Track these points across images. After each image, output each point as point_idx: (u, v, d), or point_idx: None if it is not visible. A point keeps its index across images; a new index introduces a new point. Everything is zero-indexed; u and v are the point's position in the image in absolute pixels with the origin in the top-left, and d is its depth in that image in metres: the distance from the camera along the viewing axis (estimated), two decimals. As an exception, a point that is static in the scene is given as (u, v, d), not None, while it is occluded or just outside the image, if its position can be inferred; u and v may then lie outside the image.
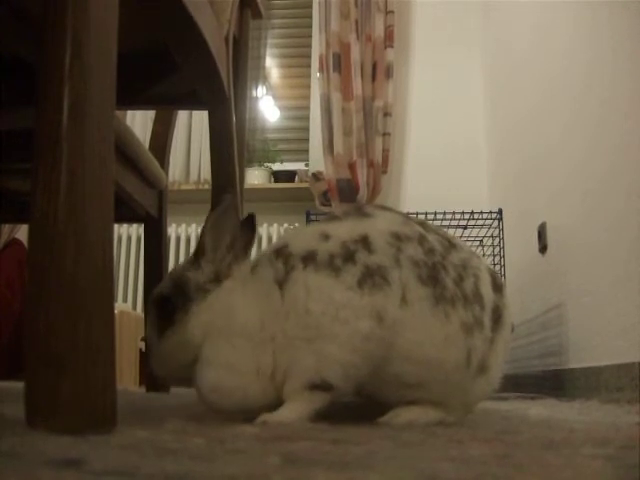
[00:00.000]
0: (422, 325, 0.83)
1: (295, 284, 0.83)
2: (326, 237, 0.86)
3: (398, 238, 0.87)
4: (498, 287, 0.94)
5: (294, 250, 0.86)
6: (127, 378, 2.83)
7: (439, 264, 0.87)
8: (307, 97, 4.01)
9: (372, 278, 0.82)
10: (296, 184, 3.79)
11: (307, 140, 3.91)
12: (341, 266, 0.83)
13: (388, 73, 3.57)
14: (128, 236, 3.77)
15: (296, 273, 0.84)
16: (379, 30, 3.61)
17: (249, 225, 0.91)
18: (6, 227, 3.00)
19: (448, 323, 0.84)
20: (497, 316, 0.91)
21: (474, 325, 0.87)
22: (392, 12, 3.66)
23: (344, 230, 0.87)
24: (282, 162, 4.03)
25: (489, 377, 0.91)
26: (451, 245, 0.91)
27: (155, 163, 1.61)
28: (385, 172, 3.52)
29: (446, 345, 0.84)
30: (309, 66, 4.02)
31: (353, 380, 0.83)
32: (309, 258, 0.84)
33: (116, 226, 3.35)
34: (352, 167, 3.46)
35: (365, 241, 0.85)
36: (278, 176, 3.87)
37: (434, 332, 0.84)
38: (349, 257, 0.83)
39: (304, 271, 0.83)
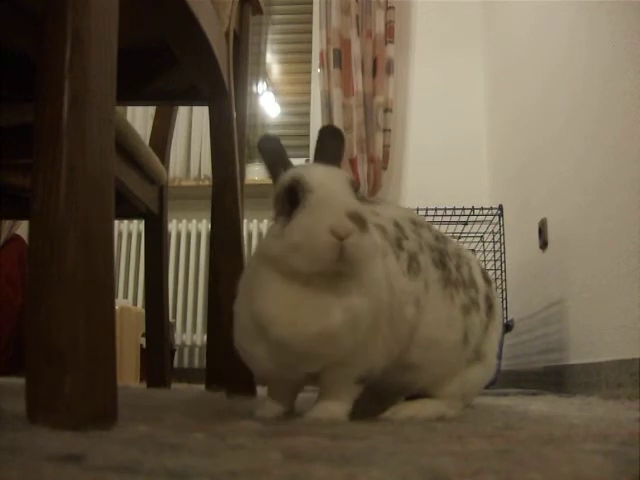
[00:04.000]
0: (434, 307, 0.85)
1: (390, 259, 0.81)
2: (377, 214, 0.86)
3: (415, 224, 0.89)
4: (488, 280, 0.98)
5: (371, 221, 0.81)
6: (128, 374, 2.83)
7: (443, 250, 0.90)
8: (308, 93, 4.00)
9: (412, 264, 0.83)
10: (297, 180, 3.78)
11: (307, 136, 3.91)
12: (398, 252, 0.83)
13: (389, 69, 3.56)
14: (129, 232, 3.76)
15: (385, 246, 0.82)
16: (379, 26, 3.60)
17: None
18: (6, 223, 3.00)
19: (452, 305, 0.86)
20: (489, 305, 0.94)
21: (471, 306, 0.90)
22: (392, 8, 3.66)
23: (384, 213, 0.87)
24: (283, 158, 4.02)
25: (485, 364, 0.93)
26: (443, 237, 0.95)
27: (155, 159, 1.61)
28: (385, 168, 3.51)
29: (448, 326, 0.86)
30: (309, 62, 4.02)
31: (384, 367, 0.83)
32: (384, 231, 0.83)
33: (116, 222, 3.35)
34: (352, 163, 3.45)
35: (398, 225, 0.86)
36: (279, 172, 3.86)
37: (441, 313, 0.86)
38: (399, 242, 0.84)
39: (388, 247, 0.82)
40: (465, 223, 2.66)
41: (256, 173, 3.77)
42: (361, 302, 0.74)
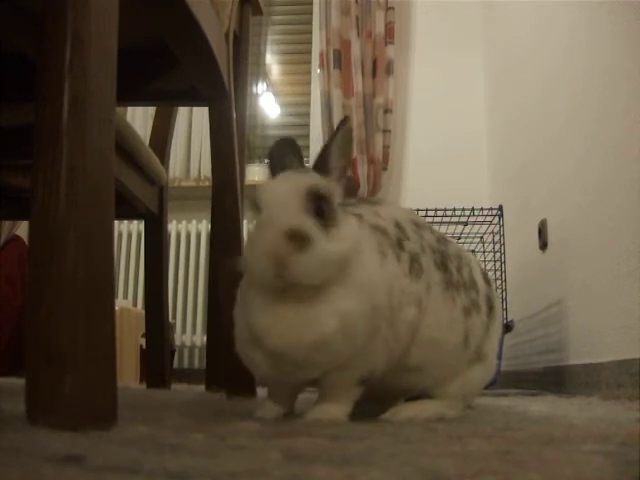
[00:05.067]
0: (435, 309, 0.85)
1: (390, 260, 0.81)
2: (379, 216, 0.86)
3: (418, 225, 0.90)
4: (488, 281, 0.98)
5: (371, 221, 0.83)
6: (128, 375, 2.83)
7: (445, 252, 0.90)
8: (307, 94, 4.00)
9: (413, 265, 0.83)
10: (296, 181, 3.77)
11: (307, 136, 3.91)
12: (399, 252, 0.83)
13: (388, 70, 3.56)
14: (129, 233, 3.76)
15: (384, 246, 0.81)
16: (379, 27, 3.60)
17: None
18: (6, 224, 3.00)
19: (454, 307, 0.86)
20: (489, 306, 0.95)
21: (472, 308, 0.90)
22: (392, 8, 3.66)
23: (384, 214, 0.87)
24: (282, 159, 4.02)
25: (486, 365, 0.94)
26: (444, 238, 0.95)
27: (155, 160, 1.61)
28: (385, 169, 3.51)
29: (449, 328, 0.86)
30: (309, 62, 4.02)
31: (385, 369, 0.82)
32: (384, 233, 0.83)
33: (116, 222, 3.34)
34: (352, 163, 3.45)
35: (399, 226, 0.86)
36: (278, 173, 3.86)
37: (442, 315, 0.86)
38: (400, 244, 0.84)
39: (387, 247, 0.81)
40: (465, 224, 2.66)
41: (256, 174, 3.77)
42: (354, 307, 0.74)
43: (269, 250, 0.70)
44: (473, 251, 2.76)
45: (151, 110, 2.25)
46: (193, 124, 3.93)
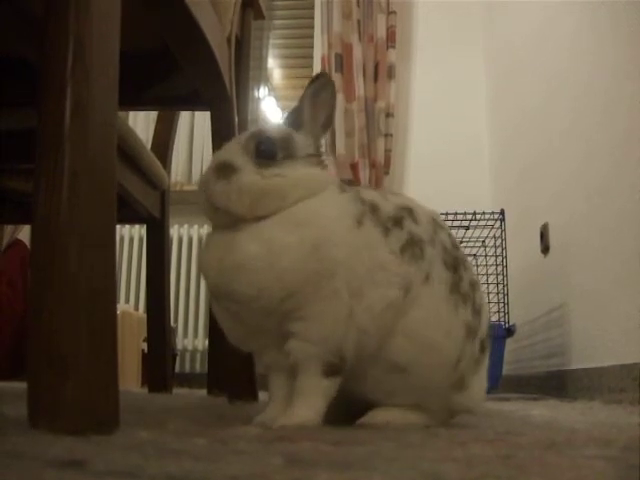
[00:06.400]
0: (435, 306, 0.82)
1: (368, 230, 0.81)
2: (386, 198, 0.86)
3: (435, 222, 0.88)
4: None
5: (365, 197, 0.84)
6: (129, 379, 2.83)
7: (460, 259, 0.88)
8: (309, 98, 4.00)
9: (412, 248, 0.82)
10: (298, 185, 3.78)
11: (309, 140, 3.91)
12: (391, 227, 0.82)
13: (390, 74, 3.57)
14: (130, 237, 3.77)
15: (366, 219, 0.81)
16: (381, 31, 3.61)
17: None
18: (9, 228, 3.00)
19: (456, 315, 0.84)
20: (483, 346, 0.89)
21: (473, 333, 0.86)
22: (394, 12, 3.67)
23: (393, 199, 0.87)
24: (284, 163, 4.02)
25: (468, 395, 0.87)
26: (463, 255, 0.93)
27: (157, 164, 1.61)
28: (387, 173, 3.52)
29: (448, 335, 0.83)
30: (311, 67, 4.02)
31: (358, 353, 0.79)
32: (375, 209, 0.83)
33: (118, 227, 3.35)
34: (354, 168, 3.45)
35: (411, 212, 0.85)
36: (280, 177, 3.86)
37: (443, 317, 0.82)
38: (398, 221, 0.83)
39: (371, 220, 0.81)
40: (467, 228, 2.66)
41: (258, 178, 3.76)
42: (281, 236, 0.76)
43: (202, 181, 0.82)
44: (475, 255, 2.76)
45: (153, 114, 2.26)
46: (195, 128, 3.94)
